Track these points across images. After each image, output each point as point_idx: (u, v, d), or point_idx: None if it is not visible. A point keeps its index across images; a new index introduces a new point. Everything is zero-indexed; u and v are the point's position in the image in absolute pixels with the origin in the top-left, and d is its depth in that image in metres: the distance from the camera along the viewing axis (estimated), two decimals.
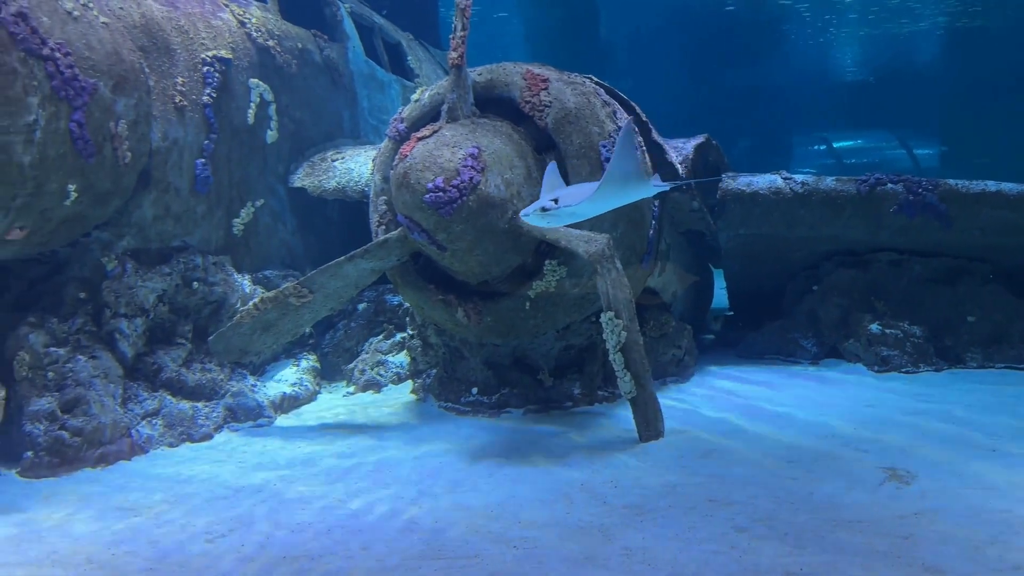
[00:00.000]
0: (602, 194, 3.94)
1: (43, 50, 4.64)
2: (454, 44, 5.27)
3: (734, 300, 8.39)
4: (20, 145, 4.53)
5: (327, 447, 5.32)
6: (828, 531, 3.65)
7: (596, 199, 3.99)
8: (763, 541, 3.58)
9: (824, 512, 3.87)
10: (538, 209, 4.01)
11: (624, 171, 3.93)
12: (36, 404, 4.95)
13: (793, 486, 4.23)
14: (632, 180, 4.08)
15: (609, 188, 3.91)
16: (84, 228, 5.37)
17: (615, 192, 4.08)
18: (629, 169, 3.95)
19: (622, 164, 3.88)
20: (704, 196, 6.85)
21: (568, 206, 4.00)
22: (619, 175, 3.94)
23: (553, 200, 3.98)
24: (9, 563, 3.62)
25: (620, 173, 3.94)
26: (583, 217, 4.31)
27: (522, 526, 3.86)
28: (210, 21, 6.47)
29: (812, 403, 5.99)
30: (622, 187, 4.07)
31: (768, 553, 3.45)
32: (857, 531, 3.63)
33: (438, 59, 12.10)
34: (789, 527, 3.71)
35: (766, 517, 3.83)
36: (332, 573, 3.44)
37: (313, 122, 7.76)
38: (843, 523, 3.73)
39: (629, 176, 4.01)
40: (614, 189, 4.00)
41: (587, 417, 5.78)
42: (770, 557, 3.41)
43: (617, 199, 4.34)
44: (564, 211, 4.01)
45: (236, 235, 6.63)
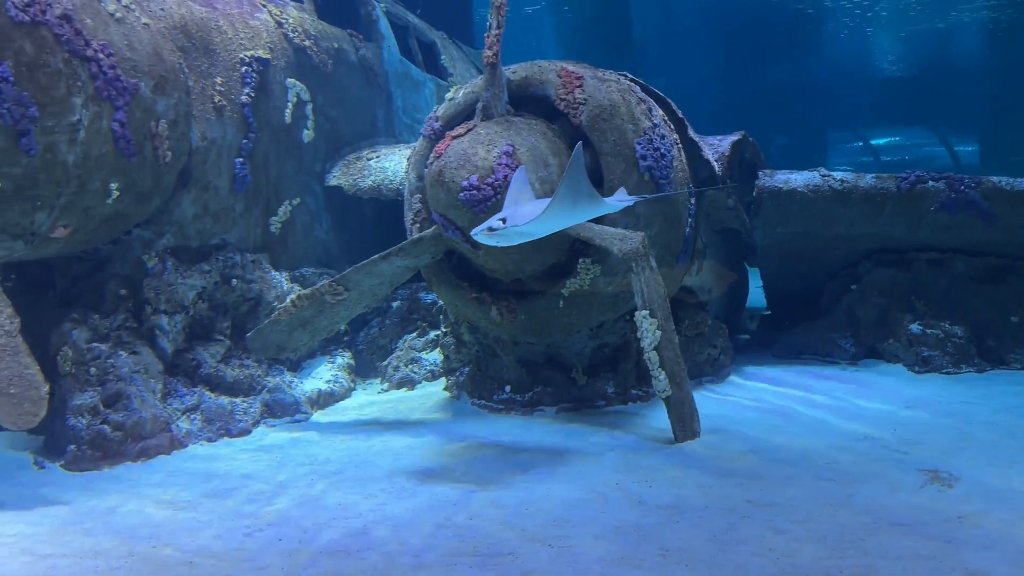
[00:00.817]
0: (550, 215, 4.00)
1: (87, 51, 4.73)
2: (489, 42, 5.27)
3: (770, 299, 8.30)
4: (65, 144, 4.62)
5: (363, 443, 5.36)
6: (869, 534, 3.59)
7: (544, 219, 4.04)
8: (802, 543, 3.53)
9: (864, 515, 3.82)
10: (486, 228, 4.04)
11: (574, 192, 3.98)
12: (79, 399, 5.06)
13: (832, 488, 4.17)
14: (583, 201, 4.13)
15: (558, 209, 3.96)
16: (125, 226, 5.47)
17: (564, 212, 4.14)
18: (579, 191, 4.00)
19: (571, 186, 3.93)
20: (740, 194, 6.78)
21: (515, 226, 4.05)
22: (569, 196, 3.99)
23: (501, 220, 4.02)
24: (55, 554, 3.70)
25: (570, 195, 3.98)
26: (532, 236, 4.39)
27: (557, 525, 3.86)
28: (248, 21, 6.55)
29: (851, 404, 5.91)
30: (572, 207, 4.11)
31: (807, 555, 3.41)
32: (899, 534, 3.57)
33: (471, 58, 12.13)
34: (828, 530, 3.66)
35: (805, 519, 3.79)
36: (369, 569, 3.46)
37: (348, 121, 7.81)
38: (884, 526, 3.67)
39: (580, 196, 4.06)
40: (564, 209, 4.05)
41: (621, 417, 5.75)
42: (809, 560, 3.37)
43: (567, 219, 4.40)
44: (512, 230, 4.06)
45: (273, 233, 6.71)
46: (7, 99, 4.32)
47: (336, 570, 3.46)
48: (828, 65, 29.16)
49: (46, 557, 3.67)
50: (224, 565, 3.55)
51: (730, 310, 7.83)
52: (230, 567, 3.53)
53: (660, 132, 5.55)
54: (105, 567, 3.56)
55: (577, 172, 3.86)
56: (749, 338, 8.36)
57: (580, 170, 3.88)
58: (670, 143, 5.64)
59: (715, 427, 5.28)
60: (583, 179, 3.94)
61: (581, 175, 3.91)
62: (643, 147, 5.35)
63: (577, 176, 3.87)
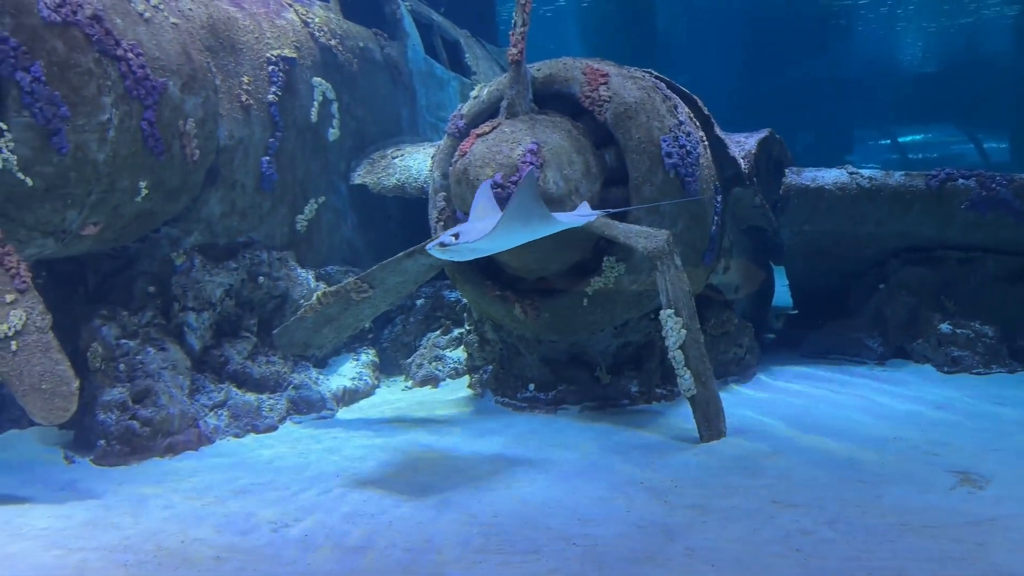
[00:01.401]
0: (499, 233, 4.04)
1: (117, 51, 4.79)
2: (514, 40, 5.27)
3: (796, 298, 8.23)
4: (95, 143, 4.68)
5: (388, 440, 5.38)
6: (898, 535, 3.55)
7: (494, 237, 4.08)
8: (830, 544, 3.50)
9: (893, 516, 3.77)
10: (438, 243, 4.09)
11: (525, 211, 4.02)
12: (108, 394, 5.12)
13: (860, 489, 4.13)
14: (535, 219, 4.17)
15: (507, 227, 4.01)
16: (154, 224, 5.54)
17: (515, 230, 4.18)
18: (530, 210, 4.04)
19: (520, 205, 3.96)
20: (766, 192, 6.73)
21: (467, 242, 4.08)
22: (519, 215, 4.02)
23: (454, 235, 4.06)
24: (85, 548, 3.75)
25: (520, 213, 4.02)
26: (484, 253, 4.45)
27: (582, 523, 3.85)
28: (274, 21, 6.59)
29: (879, 404, 5.85)
30: (523, 225, 4.16)
31: (835, 556, 3.38)
32: (928, 536, 3.53)
33: (494, 56, 12.13)
34: (857, 531, 3.62)
35: (832, 520, 3.75)
36: (394, 565, 3.48)
37: (373, 120, 7.85)
38: (914, 528, 3.63)
39: (531, 215, 4.10)
40: (513, 227, 4.09)
41: (645, 416, 5.73)
42: (837, 561, 3.34)
43: (519, 237, 4.44)
44: (464, 247, 4.10)
45: (299, 231, 6.75)
46: (39, 99, 4.39)
47: (361, 566, 3.48)
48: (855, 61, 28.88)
49: (77, 550, 3.72)
50: (251, 560, 3.58)
51: (756, 309, 7.78)
52: (257, 562, 3.56)
53: (686, 129, 5.52)
54: (134, 561, 3.60)
55: (526, 191, 3.92)
56: (775, 337, 8.29)
57: (530, 189, 3.94)
58: (696, 140, 5.60)
59: (741, 427, 5.24)
60: (533, 198, 4.00)
61: (531, 194, 3.97)
62: (668, 144, 5.32)
63: (526, 195, 3.93)
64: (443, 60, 9.72)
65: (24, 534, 3.91)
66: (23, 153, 4.39)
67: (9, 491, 4.51)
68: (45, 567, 3.55)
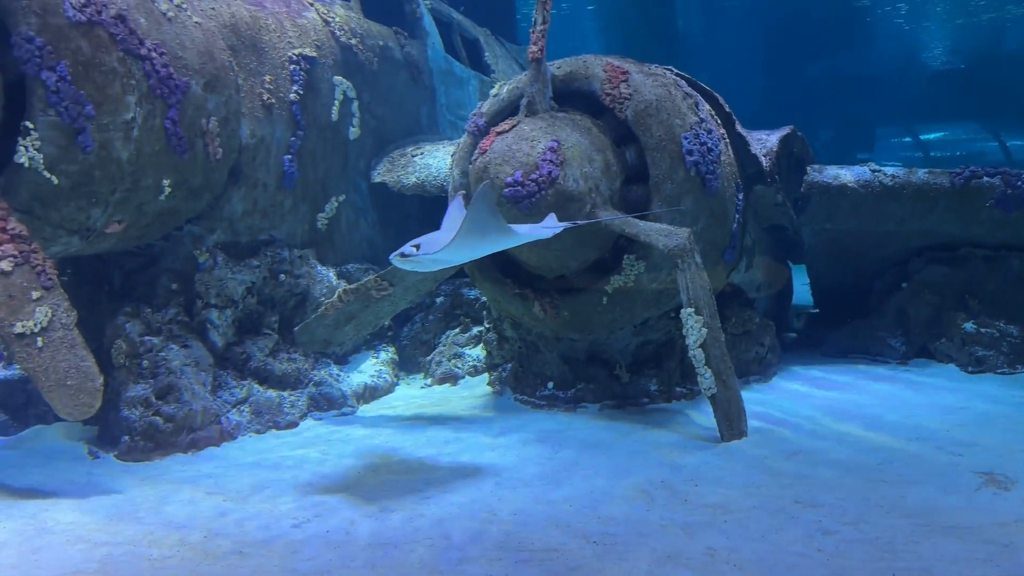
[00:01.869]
0: (457, 246, 4.09)
1: (140, 50, 4.83)
2: (534, 37, 5.27)
3: (817, 297, 8.17)
4: (119, 142, 4.72)
5: (407, 437, 5.40)
6: (922, 537, 3.51)
7: (452, 250, 4.12)
8: (852, 545, 3.47)
9: (917, 517, 3.73)
10: (399, 254, 4.15)
11: (481, 225, 4.06)
12: (132, 391, 5.18)
13: (883, 489, 4.09)
14: (492, 232, 4.21)
15: (464, 240, 4.06)
16: (177, 222, 5.58)
17: (472, 244, 4.24)
18: (486, 223, 4.08)
19: (476, 220, 4.00)
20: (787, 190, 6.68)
21: (427, 254, 4.13)
22: (475, 229, 4.06)
23: (415, 246, 4.12)
24: (110, 542, 3.79)
25: (476, 227, 4.05)
26: (444, 265, 4.52)
27: (601, 522, 3.84)
28: (296, 20, 6.63)
29: (902, 404, 5.79)
30: (480, 238, 4.21)
31: (858, 557, 3.35)
32: (954, 537, 3.49)
33: (514, 55, 12.13)
34: (880, 532, 3.59)
35: (855, 521, 3.72)
36: (416, 562, 3.49)
37: (393, 118, 7.87)
38: (938, 529, 3.59)
39: (487, 229, 4.14)
40: (470, 241, 4.15)
41: (665, 415, 5.71)
42: (861, 562, 3.31)
43: (477, 250, 4.52)
44: (424, 258, 4.15)
45: (320, 229, 6.78)
46: (65, 98, 4.43)
47: (383, 562, 3.49)
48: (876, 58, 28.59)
49: (101, 545, 3.76)
50: (273, 556, 3.60)
51: (777, 308, 7.73)
52: (279, 558, 3.58)
53: (707, 127, 5.49)
54: (158, 556, 3.63)
55: (481, 205, 3.95)
56: (796, 336, 8.23)
57: (484, 204, 3.96)
58: (717, 138, 5.57)
59: (762, 427, 5.21)
60: (488, 213, 4.03)
61: (485, 209, 3.99)
62: (689, 142, 5.30)
63: (480, 210, 3.96)
64: (463, 58, 9.73)
65: (50, 528, 3.96)
66: (49, 152, 4.44)
67: (35, 485, 4.58)
68: (71, 561, 3.59)
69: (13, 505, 4.27)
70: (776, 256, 7.39)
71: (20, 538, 3.85)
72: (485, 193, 3.89)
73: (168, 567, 3.53)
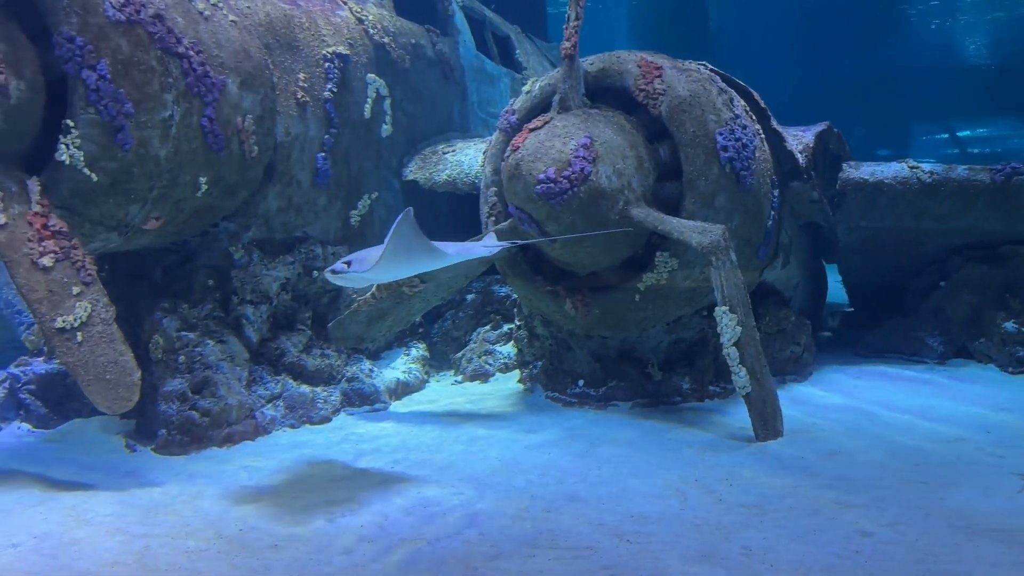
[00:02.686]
0: (383, 267, 4.12)
1: (178, 48, 4.89)
2: (567, 34, 5.25)
3: (852, 296, 8.06)
4: (157, 139, 4.78)
5: (439, 434, 5.41)
6: (963, 539, 3.45)
7: (379, 271, 4.16)
8: (891, 547, 3.42)
9: (957, 519, 3.67)
10: (330, 270, 4.20)
11: (405, 247, 4.08)
12: (169, 385, 5.25)
13: (922, 491, 4.03)
14: (418, 253, 4.24)
15: (389, 261, 4.10)
16: (213, 219, 5.64)
17: (398, 265, 4.27)
18: (410, 245, 4.11)
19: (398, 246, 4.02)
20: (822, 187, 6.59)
21: (356, 271, 4.15)
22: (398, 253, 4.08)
23: (346, 263, 4.16)
24: (148, 534, 3.85)
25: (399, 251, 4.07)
26: (372, 282, 4.59)
27: (635, 520, 3.82)
28: (330, 18, 6.67)
29: (940, 405, 5.69)
30: (406, 258, 4.24)
31: (897, 559, 3.30)
32: (995, 541, 3.42)
33: (544, 52, 12.10)
34: (920, 534, 3.53)
35: (894, 522, 3.66)
36: (449, 558, 3.49)
37: (425, 116, 7.89)
38: (980, 531, 3.52)
39: (412, 251, 4.17)
40: (396, 262, 4.18)
41: (698, 414, 5.66)
42: (899, 564, 3.26)
43: (405, 270, 4.56)
44: (353, 275, 4.17)
45: (353, 226, 6.82)
46: (104, 96, 4.50)
47: (416, 558, 3.50)
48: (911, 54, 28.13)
49: (140, 537, 3.82)
50: (308, 550, 3.63)
51: (812, 306, 7.64)
52: (314, 552, 3.61)
53: (742, 123, 5.43)
54: (195, 548, 3.68)
55: (402, 231, 3.96)
56: (831, 335, 8.13)
57: (405, 229, 3.97)
58: (752, 134, 5.51)
59: (799, 427, 5.15)
60: (409, 236, 4.04)
61: (406, 233, 4.00)
62: (724, 138, 5.25)
63: (401, 236, 3.98)
64: (494, 56, 9.72)
65: (89, 520, 4.03)
66: (89, 149, 4.51)
67: (74, 478, 4.66)
68: (109, 552, 3.65)
69: (54, 497, 4.35)
70: (811, 254, 7.30)
71: (61, 529, 3.92)
72: (406, 217, 3.93)
73: (205, 559, 3.57)
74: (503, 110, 5.97)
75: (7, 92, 4.33)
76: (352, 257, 4.19)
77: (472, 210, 6.28)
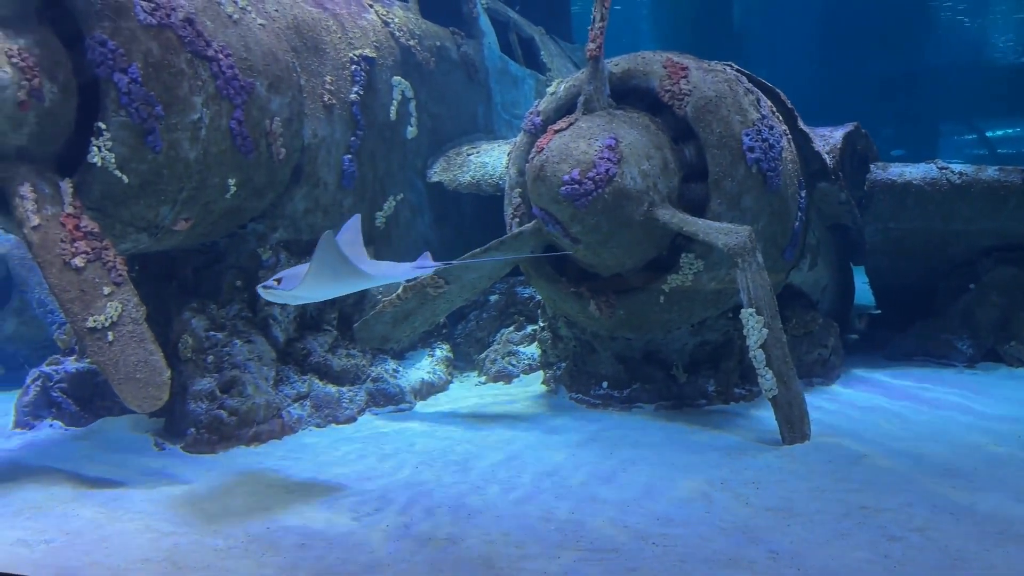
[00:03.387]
0: (307, 287, 4.14)
1: (207, 52, 4.95)
2: (592, 35, 5.25)
3: (880, 298, 7.98)
4: (187, 142, 4.84)
5: (463, 434, 5.43)
6: (994, 545, 3.41)
7: (305, 289, 4.17)
8: (920, 552, 3.38)
9: (988, 524, 3.62)
10: (262, 286, 4.25)
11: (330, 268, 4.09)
12: (198, 384, 5.31)
13: (952, 495, 3.98)
14: (342, 275, 4.24)
15: (314, 283, 4.13)
16: (241, 220, 5.71)
17: (325, 285, 4.30)
18: (334, 266, 4.12)
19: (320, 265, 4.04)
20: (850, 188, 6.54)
21: (284, 289, 4.18)
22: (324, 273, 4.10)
23: (277, 280, 4.20)
24: (176, 532, 3.90)
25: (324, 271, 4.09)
26: (300, 301, 4.61)
27: (660, 523, 3.81)
28: (356, 21, 6.71)
29: (969, 408, 5.62)
30: (333, 280, 4.26)
31: (926, 564, 3.26)
32: None
33: (568, 53, 12.10)
34: (949, 539, 3.49)
35: (922, 527, 3.62)
36: (475, 557, 3.50)
37: (450, 117, 7.92)
38: (1011, 537, 3.48)
39: (337, 273, 4.18)
40: (322, 284, 4.21)
41: (723, 416, 5.63)
42: (928, 569, 3.23)
43: (333, 290, 4.56)
44: (281, 292, 4.21)
45: (378, 228, 6.86)
46: (135, 99, 4.56)
47: (442, 556, 3.52)
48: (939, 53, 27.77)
49: (169, 534, 3.86)
50: (335, 548, 3.66)
51: (839, 308, 7.57)
52: (341, 550, 3.63)
53: (768, 123, 5.40)
54: (224, 546, 3.72)
55: (322, 253, 3.97)
56: (858, 338, 8.05)
57: (326, 249, 3.97)
58: (779, 134, 5.48)
59: (826, 430, 5.10)
60: (333, 259, 4.05)
61: (328, 256, 4.01)
62: (751, 138, 5.22)
63: (323, 256, 3.99)
64: (518, 57, 9.74)
65: (118, 517, 4.09)
66: (120, 151, 4.58)
67: (105, 475, 4.73)
68: (140, 549, 3.70)
69: (85, 494, 4.42)
70: (839, 256, 7.24)
71: (92, 526, 3.98)
72: (327, 239, 3.95)
73: (232, 556, 3.61)
74: (528, 112, 5.98)
75: (41, 96, 4.41)
76: (284, 274, 4.26)
77: (496, 211, 6.29)
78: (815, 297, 6.58)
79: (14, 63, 4.32)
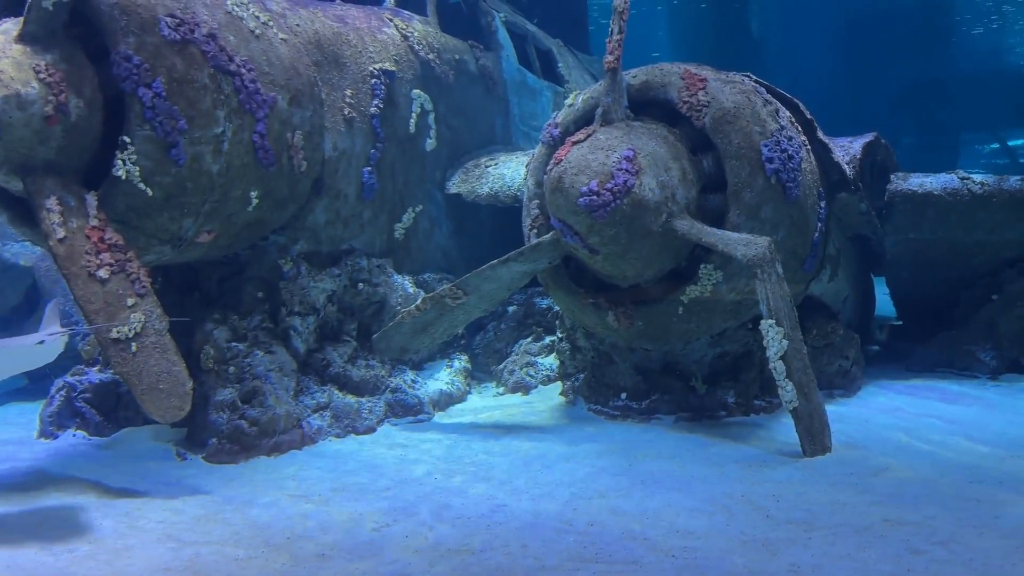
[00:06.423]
0: None
1: (230, 66, 5.01)
2: (610, 47, 5.27)
3: (901, 309, 7.92)
4: (210, 155, 4.91)
5: (481, 445, 5.43)
6: (1019, 559, 3.37)
7: None
8: (943, 565, 3.35)
9: (1013, 538, 3.58)
10: None
11: None
12: (220, 395, 5.35)
13: (976, 508, 3.94)
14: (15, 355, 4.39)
15: None
16: (263, 232, 5.76)
17: None
18: None
19: None
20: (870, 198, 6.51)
21: None
22: None
23: None
24: (197, 542, 3.93)
25: None
26: None
27: (680, 535, 3.80)
28: (376, 35, 6.78)
29: (993, 420, 5.57)
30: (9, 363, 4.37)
31: None
32: None
33: (586, 65, 12.14)
34: (973, 553, 3.45)
35: (946, 540, 3.59)
36: (494, 569, 3.51)
37: (468, 130, 7.97)
38: None
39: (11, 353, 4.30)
40: None
41: (743, 428, 5.61)
42: None
43: None
44: None
45: (397, 239, 6.91)
46: (159, 113, 4.63)
47: (461, 568, 3.52)
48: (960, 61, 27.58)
49: (190, 544, 3.89)
50: (354, 559, 3.67)
51: (860, 320, 7.52)
52: (360, 561, 3.65)
53: (787, 134, 5.39)
54: (244, 556, 3.74)
55: None
56: (879, 349, 7.99)
57: None
58: (798, 145, 5.47)
59: (847, 442, 5.07)
60: None
61: None
62: (770, 149, 5.21)
63: None
64: (536, 70, 9.78)
65: (140, 527, 4.12)
66: (144, 165, 4.64)
67: (126, 485, 4.77)
68: (161, 559, 3.73)
69: (108, 504, 4.46)
70: (859, 266, 7.20)
71: (114, 535, 4.02)
72: None
73: (253, 567, 3.63)
74: (546, 123, 6.00)
75: (67, 110, 4.48)
76: None
77: (514, 223, 6.31)
78: (836, 308, 6.54)
79: (41, 78, 4.39)
